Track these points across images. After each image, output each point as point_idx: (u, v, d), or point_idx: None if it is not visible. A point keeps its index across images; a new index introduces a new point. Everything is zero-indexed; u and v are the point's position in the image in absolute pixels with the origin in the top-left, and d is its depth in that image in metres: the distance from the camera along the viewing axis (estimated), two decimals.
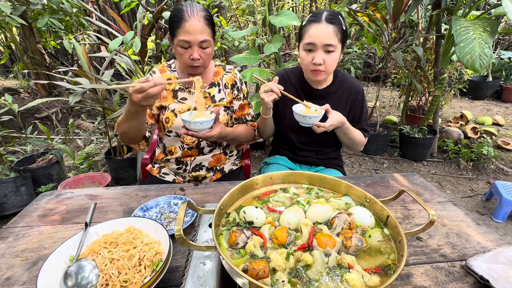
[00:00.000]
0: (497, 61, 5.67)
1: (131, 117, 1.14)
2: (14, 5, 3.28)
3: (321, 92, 1.43)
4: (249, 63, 2.32)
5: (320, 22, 1.21)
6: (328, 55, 1.24)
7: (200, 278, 0.64)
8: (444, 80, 3.00)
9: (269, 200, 0.84)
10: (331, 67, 1.28)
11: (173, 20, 1.21)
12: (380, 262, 0.63)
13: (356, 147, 1.47)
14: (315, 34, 1.22)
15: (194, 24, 1.18)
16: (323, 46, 1.22)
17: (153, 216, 0.97)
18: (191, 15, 1.18)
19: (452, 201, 1.11)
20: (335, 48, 1.23)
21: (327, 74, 1.31)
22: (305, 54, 1.28)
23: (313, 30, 1.22)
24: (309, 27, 1.24)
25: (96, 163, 3.34)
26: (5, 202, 2.30)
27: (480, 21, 2.11)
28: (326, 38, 1.21)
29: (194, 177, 1.45)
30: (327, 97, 1.43)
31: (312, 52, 1.25)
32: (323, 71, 1.27)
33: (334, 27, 1.21)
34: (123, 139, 1.31)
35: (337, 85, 1.44)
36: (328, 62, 1.25)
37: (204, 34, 1.20)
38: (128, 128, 1.21)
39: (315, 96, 1.42)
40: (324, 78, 1.34)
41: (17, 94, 4.62)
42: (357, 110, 1.45)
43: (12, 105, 2.50)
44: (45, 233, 0.91)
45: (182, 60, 1.25)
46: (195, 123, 1.13)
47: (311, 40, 1.23)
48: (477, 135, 3.81)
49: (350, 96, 1.43)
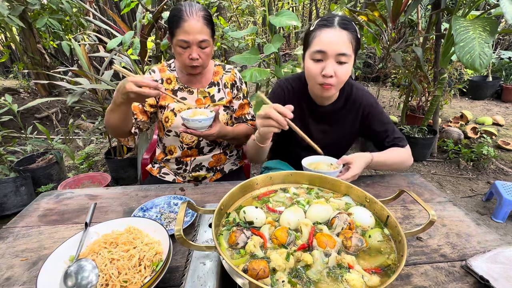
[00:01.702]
0: (497, 61, 5.67)
1: (116, 106, 1.09)
2: (12, 5, 3.28)
3: (327, 110, 1.26)
4: (249, 63, 2.31)
5: (332, 27, 1.04)
6: (340, 67, 1.06)
7: (200, 278, 0.64)
8: (444, 80, 3.00)
9: (269, 200, 0.84)
10: (342, 81, 1.10)
11: (172, 20, 1.21)
12: (380, 262, 0.63)
13: (403, 165, 1.27)
14: (326, 41, 1.04)
15: (193, 24, 1.18)
16: (335, 56, 1.04)
17: (153, 216, 0.97)
18: (190, 15, 1.18)
19: (452, 201, 1.11)
20: (348, 59, 1.05)
21: (337, 89, 1.14)
22: (312, 64, 1.09)
23: (324, 36, 1.05)
24: (319, 32, 1.06)
25: (96, 163, 3.34)
26: (5, 202, 2.30)
27: (480, 21, 2.11)
28: (340, 46, 1.03)
29: (194, 177, 1.45)
30: (333, 116, 1.27)
31: (322, 62, 1.07)
32: (333, 85, 1.08)
33: (349, 34, 1.04)
34: (109, 129, 1.25)
35: (344, 101, 1.26)
36: (340, 75, 1.07)
37: (203, 34, 1.20)
38: (113, 119, 1.15)
39: (319, 114, 1.26)
40: (333, 94, 1.16)
41: (17, 94, 4.62)
42: (377, 124, 1.26)
43: (12, 105, 2.50)
44: (45, 233, 0.91)
45: (181, 59, 1.25)
46: (193, 121, 1.13)
47: (321, 48, 1.05)
48: (477, 135, 3.81)
49: (359, 112, 1.27)
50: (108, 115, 1.16)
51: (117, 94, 1.03)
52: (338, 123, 1.28)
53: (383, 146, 1.29)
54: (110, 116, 1.15)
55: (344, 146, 1.40)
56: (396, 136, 1.27)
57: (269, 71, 2.47)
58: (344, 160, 1.08)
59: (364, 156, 1.11)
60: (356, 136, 1.37)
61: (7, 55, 4.49)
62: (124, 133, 1.27)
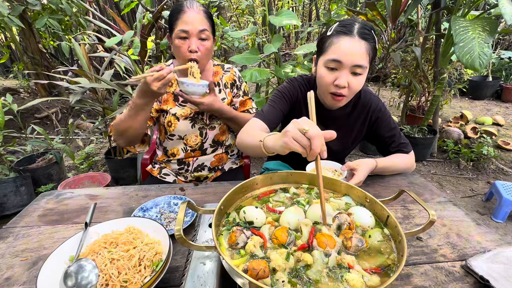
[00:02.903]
0: (497, 61, 5.67)
1: (141, 109, 1.12)
2: (12, 5, 3.28)
3: (335, 114, 1.23)
4: (249, 63, 2.32)
5: (352, 36, 0.99)
6: (355, 78, 1.03)
7: (200, 278, 0.64)
8: (444, 80, 3.00)
9: (269, 200, 0.84)
10: (355, 92, 1.07)
11: (172, 15, 1.21)
12: (380, 262, 0.63)
13: (406, 172, 1.28)
14: (344, 51, 0.99)
15: (192, 15, 1.17)
16: (351, 67, 1.00)
17: (153, 216, 0.97)
18: (190, 7, 1.19)
19: (452, 201, 1.11)
20: (363, 71, 1.02)
21: (348, 99, 1.11)
22: (326, 72, 1.05)
23: (343, 44, 0.99)
24: (337, 39, 1.01)
25: (96, 163, 3.34)
26: (5, 202, 2.30)
27: (479, 21, 2.11)
28: (357, 57, 0.99)
29: (196, 177, 1.45)
30: (341, 120, 1.25)
31: (336, 71, 1.03)
32: (345, 95, 1.05)
33: (367, 45, 0.99)
34: (122, 139, 1.24)
35: (352, 106, 1.24)
36: (353, 86, 1.04)
37: (203, 24, 1.20)
38: (132, 124, 1.16)
39: (327, 118, 1.22)
40: (343, 104, 1.13)
41: (17, 94, 4.62)
42: (384, 129, 1.25)
43: (12, 105, 2.50)
44: (45, 233, 0.91)
45: (180, 53, 1.21)
46: (188, 85, 1.17)
47: (338, 57, 1.00)
48: (477, 135, 3.81)
49: (367, 117, 1.25)
50: (124, 126, 1.17)
51: (141, 100, 1.09)
52: (345, 127, 1.26)
53: (388, 151, 1.28)
54: (127, 125, 1.17)
55: (348, 149, 1.40)
56: (402, 142, 1.26)
57: (269, 71, 2.47)
58: (349, 166, 1.07)
59: (369, 163, 1.10)
60: (361, 140, 1.36)
61: (7, 55, 4.49)
62: (139, 137, 1.29)
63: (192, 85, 1.17)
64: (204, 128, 1.38)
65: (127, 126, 1.18)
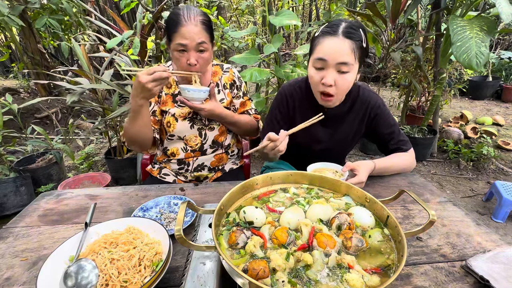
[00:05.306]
0: (497, 61, 5.67)
1: (137, 112, 1.13)
2: (12, 4, 3.27)
3: (333, 113, 1.24)
4: (248, 63, 2.31)
5: (335, 35, 1.02)
6: (341, 76, 1.05)
7: (200, 278, 0.64)
8: (444, 80, 3.00)
9: (269, 200, 0.84)
10: (343, 91, 1.10)
11: (169, 24, 1.19)
12: (380, 262, 0.63)
13: (406, 171, 1.28)
14: (327, 49, 1.03)
15: (190, 29, 1.16)
16: (335, 65, 1.04)
17: (153, 216, 0.97)
18: (188, 19, 1.16)
19: (452, 201, 1.11)
20: (350, 68, 1.04)
21: (337, 98, 1.13)
22: (314, 72, 1.09)
23: (327, 44, 1.04)
24: (322, 39, 1.05)
25: (96, 163, 3.34)
26: (5, 202, 2.30)
27: (477, 20, 2.12)
28: (340, 55, 1.02)
29: (196, 177, 1.45)
30: (340, 118, 1.26)
31: (323, 70, 1.07)
32: (333, 94, 1.08)
33: (352, 43, 1.02)
34: (134, 145, 1.29)
35: (350, 104, 1.25)
36: (340, 84, 1.06)
37: (201, 37, 1.19)
38: (138, 130, 1.20)
39: (325, 117, 1.21)
40: (335, 104, 1.16)
41: (17, 94, 4.62)
42: (383, 126, 1.25)
43: (12, 105, 2.50)
44: (45, 233, 0.91)
45: (179, 64, 1.23)
46: (189, 91, 1.18)
47: (322, 56, 1.04)
48: (477, 135, 3.81)
49: (366, 114, 1.25)
50: (131, 131, 1.19)
51: (134, 99, 1.09)
52: (344, 125, 1.26)
53: (387, 148, 1.28)
54: (134, 130, 1.19)
55: (348, 147, 1.40)
56: (401, 139, 1.26)
57: (269, 71, 2.47)
58: (349, 167, 1.07)
59: (367, 164, 1.11)
60: (360, 137, 1.36)
61: (7, 55, 4.49)
62: (149, 142, 1.30)
63: (193, 91, 1.18)
64: (203, 129, 1.38)
65: (133, 133, 1.21)
